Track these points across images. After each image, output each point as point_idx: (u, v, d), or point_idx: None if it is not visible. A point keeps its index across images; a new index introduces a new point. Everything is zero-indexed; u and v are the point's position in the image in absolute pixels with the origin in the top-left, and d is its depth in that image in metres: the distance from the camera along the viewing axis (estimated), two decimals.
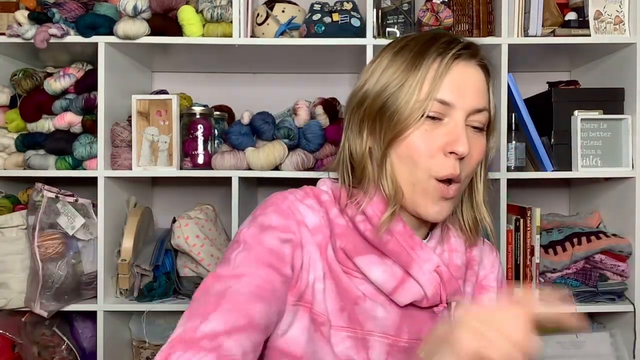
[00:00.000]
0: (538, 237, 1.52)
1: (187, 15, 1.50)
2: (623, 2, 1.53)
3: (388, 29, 1.54)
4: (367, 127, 0.79)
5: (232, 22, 1.50)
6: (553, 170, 1.54)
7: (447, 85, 0.75)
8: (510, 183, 1.51)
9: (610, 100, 1.57)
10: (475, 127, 0.77)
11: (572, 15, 1.56)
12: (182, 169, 1.56)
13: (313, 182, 0.87)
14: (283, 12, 1.58)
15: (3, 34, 1.50)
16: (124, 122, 1.56)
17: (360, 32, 1.52)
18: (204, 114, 1.58)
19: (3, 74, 1.62)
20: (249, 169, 1.53)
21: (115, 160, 1.52)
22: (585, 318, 1.59)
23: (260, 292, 0.68)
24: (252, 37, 1.56)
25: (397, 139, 0.75)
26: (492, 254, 0.91)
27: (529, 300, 0.60)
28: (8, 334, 1.50)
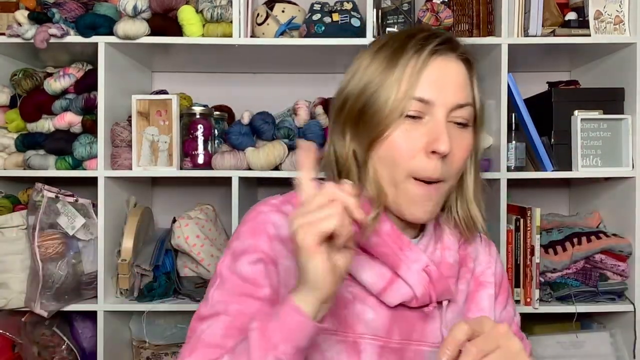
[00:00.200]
0: (538, 237, 1.52)
1: (187, 15, 1.50)
2: (623, 2, 1.53)
3: (388, 29, 1.54)
4: (349, 129, 0.77)
5: (232, 22, 1.50)
6: (553, 170, 1.54)
7: (425, 82, 0.73)
8: (510, 183, 1.51)
9: (610, 100, 1.57)
10: (459, 123, 0.75)
11: (572, 15, 1.56)
12: (182, 169, 1.56)
13: None
14: (283, 12, 1.58)
15: (3, 34, 1.50)
16: (124, 122, 1.56)
17: (360, 32, 1.52)
18: (204, 114, 1.58)
19: (3, 74, 1.62)
20: (249, 169, 1.53)
21: (115, 160, 1.52)
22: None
23: (236, 325, 0.70)
24: (252, 37, 1.56)
25: (377, 140, 0.74)
26: (488, 249, 0.90)
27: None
28: (8, 334, 1.50)
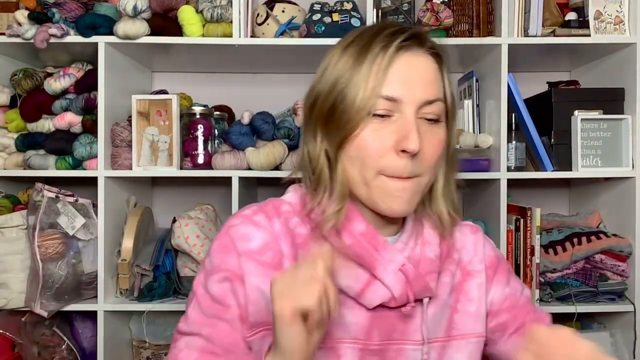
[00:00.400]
0: (538, 237, 1.52)
1: (187, 15, 1.50)
2: (623, 2, 1.53)
3: None
4: (320, 128, 0.76)
5: (232, 22, 1.50)
6: (553, 170, 1.54)
7: (392, 80, 0.71)
8: (510, 183, 1.51)
9: (610, 100, 1.57)
10: (430, 119, 0.73)
11: (572, 15, 1.56)
12: (182, 169, 1.56)
13: None
14: (283, 12, 1.58)
15: (3, 34, 1.50)
16: (124, 122, 1.56)
17: None
18: (204, 114, 1.58)
19: (3, 74, 1.62)
20: (249, 169, 1.53)
21: (116, 160, 1.52)
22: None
23: (208, 349, 0.73)
24: (252, 37, 1.56)
25: (347, 140, 0.72)
26: (474, 236, 0.87)
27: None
28: (8, 334, 1.50)
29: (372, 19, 1.51)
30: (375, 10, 1.52)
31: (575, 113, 1.55)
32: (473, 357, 0.81)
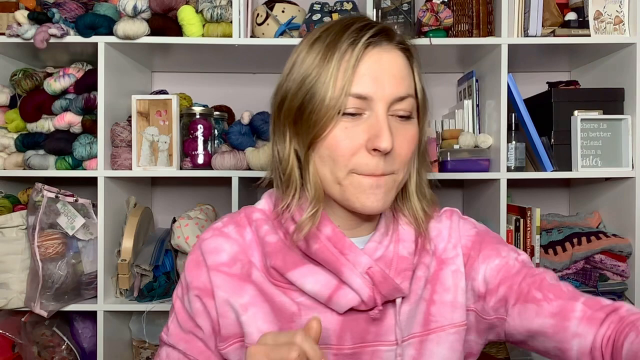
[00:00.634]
0: (538, 237, 1.52)
1: (187, 15, 1.50)
2: (623, 2, 1.53)
3: None
4: (289, 128, 0.74)
5: (232, 22, 1.50)
6: (553, 171, 1.54)
7: (361, 77, 0.69)
8: (510, 183, 1.51)
9: (610, 100, 1.57)
10: (401, 116, 0.72)
11: (572, 15, 1.56)
12: (182, 169, 1.56)
13: None
14: (283, 12, 1.59)
15: (3, 34, 1.50)
16: (124, 122, 1.56)
17: None
18: (204, 114, 1.58)
19: (3, 74, 1.62)
20: (249, 169, 1.53)
21: (115, 161, 1.52)
22: None
23: None
24: (252, 37, 1.56)
25: (317, 140, 0.71)
26: (450, 221, 0.84)
27: None
28: (8, 334, 1.50)
29: (372, 19, 1.50)
30: (375, 10, 1.52)
31: (575, 113, 1.56)
32: (454, 347, 0.77)
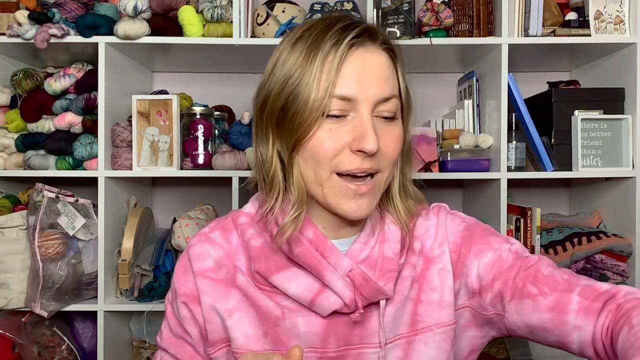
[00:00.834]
0: (538, 237, 1.52)
1: (187, 15, 1.50)
2: (623, 2, 1.54)
3: (388, 29, 1.54)
4: (272, 129, 0.72)
5: (232, 22, 1.50)
6: (553, 170, 1.54)
7: (345, 78, 0.68)
8: (511, 183, 1.51)
9: (610, 100, 1.57)
10: (385, 117, 0.71)
11: (572, 15, 1.56)
12: (182, 169, 1.56)
13: None
14: (283, 12, 1.59)
15: (3, 34, 1.50)
16: (124, 122, 1.56)
17: None
18: (204, 114, 1.58)
19: (3, 74, 1.62)
20: (249, 169, 1.53)
21: (116, 161, 1.52)
22: None
23: None
24: (252, 37, 1.56)
25: (301, 142, 0.69)
26: (437, 218, 0.82)
27: None
28: (8, 334, 1.50)
29: (372, 19, 1.51)
30: (375, 10, 1.52)
31: (576, 113, 1.56)
32: (442, 347, 0.76)
